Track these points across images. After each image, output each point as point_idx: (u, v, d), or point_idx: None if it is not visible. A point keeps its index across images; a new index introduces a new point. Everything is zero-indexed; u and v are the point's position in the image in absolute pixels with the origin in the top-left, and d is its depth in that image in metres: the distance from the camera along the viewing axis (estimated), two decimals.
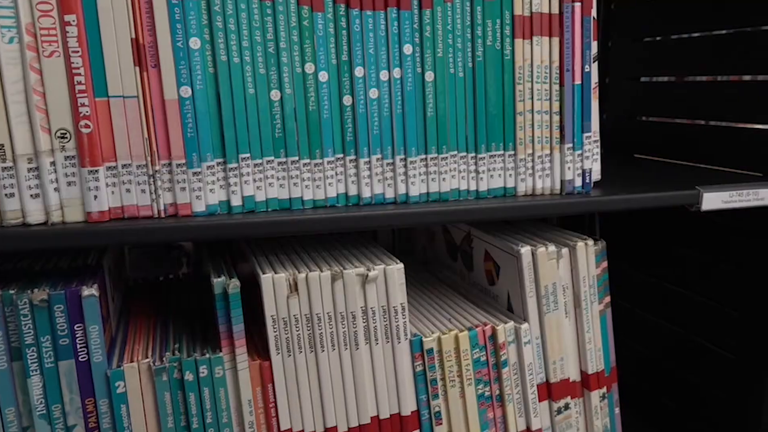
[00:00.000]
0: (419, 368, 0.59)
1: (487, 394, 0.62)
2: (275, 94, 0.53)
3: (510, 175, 0.61)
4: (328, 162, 0.55)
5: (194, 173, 0.51)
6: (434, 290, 0.74)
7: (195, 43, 0.50)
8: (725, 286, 0.79)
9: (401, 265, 0.57)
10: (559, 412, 0.66)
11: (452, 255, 0.78)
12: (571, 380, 0.66)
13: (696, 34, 0.84)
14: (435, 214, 0.56)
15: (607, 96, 1.01)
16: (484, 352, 0.61)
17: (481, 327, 0.61)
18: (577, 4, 0.59)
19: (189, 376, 0.52)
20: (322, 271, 0.55)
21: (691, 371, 0.86)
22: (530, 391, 0.64)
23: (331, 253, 0.61)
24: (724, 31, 0.79)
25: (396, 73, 0.56)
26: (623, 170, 0.81)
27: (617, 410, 0.71)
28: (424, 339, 0.59)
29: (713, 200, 0.65)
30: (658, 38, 0.90)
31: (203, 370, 0.53)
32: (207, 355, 0.53)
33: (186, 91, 0.50)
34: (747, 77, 0.77)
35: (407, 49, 0.55)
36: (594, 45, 0.63)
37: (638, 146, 0.95)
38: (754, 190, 0.67)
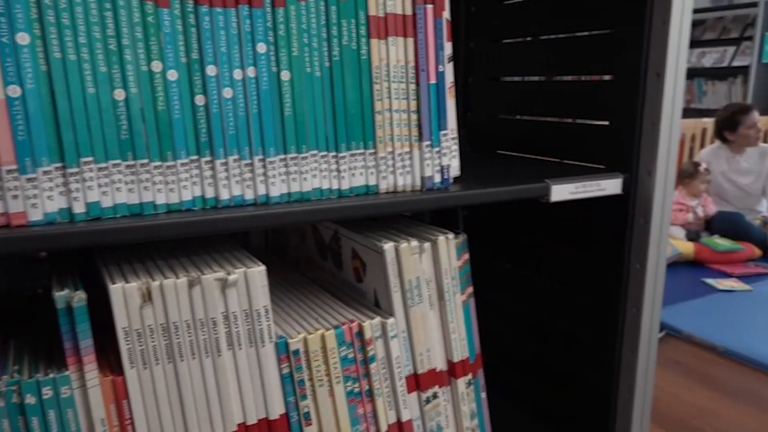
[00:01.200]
0: (286, 370, 0.59)
1: (356, 390, 0.63)
2: (119, 94, 0.50)
3: (371, 173, 0.62)
4: (182, 164, 0.53)
5: (28, 179, 0.47)
6: (304, 290, 0.73)
7: (23, 38, 0.46)
8: (577, 271, 0.85)
9: (263, 268, 0.56)
10: (427, 401, 0.68)
11: (322, 254, 0.78)
12: (438, 370, 0.68)
13: (545, 37, 0.89)
14: (297, 215, 0.56)
15: (471, 95, 1.05)
16: (352, 349, 0.62)
17: (347, 324, 0.62)
18: (429, 6, 0.61)
19: (30, 400, 0.48)
20: (178, 277, 0.53)
21: (551, 353, 0.92)
22: (399, 383, 0.65)
23: (190, 259, 0.59)
24: (569, 35, 0.85)
25: (250, 72, 0.54)
26: (485, 166, 0.85)
27: (484, 395, 0.74)
28: (289, 340, 0.58)
29: (561, 192, 0.70)
30: (513, 40, 0.96)
31: (47, 392, 0.49)
32: (51, 375, 0.49)
33: (15, 91, 0.46)
34: (588, 77, 0.83)
35: (261, 47, 0.54)
36: (448, 46, 0.65)
37: (500, 143, 1.00)
38: (597, 181, 0.73)
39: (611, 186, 0.74)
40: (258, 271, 0.56)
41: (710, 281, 2.72)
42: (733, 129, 3.25)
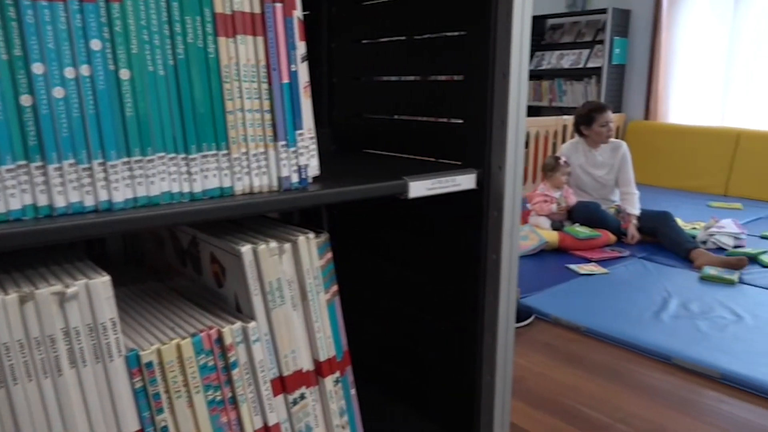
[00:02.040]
0: (139, 384, 0.56)
1: (218, 398, 0.61)
2: None
3: (226, 174, 0.60)
4: (7, 170, 0.49)
5: None
6: (161, 299, 0.70)
7: None
8: (439, 263, 0.88)
9: (107, 278, 0.53)
10: (294, 403, 0.67)
11: (181, 260, 0.75)
12: (304, 370, 0.68)
13: (402, 38, 0.92)
14: (143, 220, 0.53)
15: (335, 95, 1.06)
16: (212, 357, 0.60)
17: (206, 332, 0.60)
18: (279, 5, 0.60)
19: None
20: (7, 293, 0.49)
21: (418, 343, 0.95)
22: (264, 387, 0.64)
23: (23, 273, 0.54)
24: (424, 36, 0.88)
25: (84, 70, 0.51)
26: (348, 165, 0.85)
27: (353, 391, 0.75)
28: (141, 353, 0.55)
29: (418, 188, 0.72)
30: (373, 41, 0.97)
31: None
32: None
33: None
34: (444, 77, 0.87)
35: (95, 44, 0.51)
36: (301, 45, 0.65)
37: (366, 142, 1.01)
38: (452, 177, 0.76)
39: (466, 181, 0.77)
40: (102, 282, 0.53)
41: (573, 267, 2.93)
42: (588, 125, 3.52)
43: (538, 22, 5.86)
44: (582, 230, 3.25)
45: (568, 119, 4.59)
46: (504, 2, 0.73)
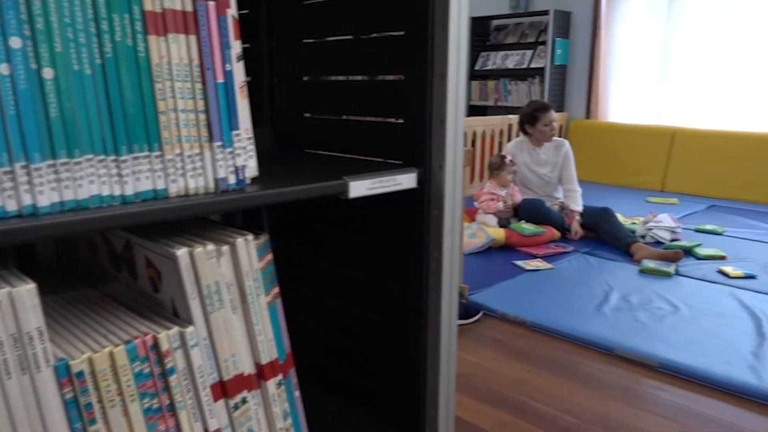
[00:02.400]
0: (69, 395, 0.54)
1: (155, 406, 0.60)
2: None
3: (159, 176, 0.59)
4: None
5: None
6: (95, 306, 0.68)
7: None
8: (383, 262, 0.89)
9: (32, 286, 0.51)
10: (236, 407, 0.66)
11: (116, 265, 0.73)
12: (245, 374, 0.67)
13: (343, 38, 0.91)
14: (71, 225, 0.52)
15: (277, 95, 1.05)
16: (147, 364, 0.59)
17: (141, 338, 0.58)
18: (211, 3, 0.59)
19: None
20: None
21: (365, 342, 0.95)
22: (203, 393, 0.63)
23: None
24: (364, 36, 0.88)
25: (4, 69, 0.49)
26: (289, 165, 0.85)
27: (297, 393, 0.74)
28: (71, 362, 0.53)
29: (359, 188, 0.72)
30: (314, 40, 0.97)
31: None
32: None
33: None
34: (391, 77, 0.87)
35: (15, 42, 0.49)
36: (237, 44, 0.64)
37: (308, 142, 1.01)
38: (393, 176, 0.76)
39: (407, 180, 0.77)
40: (26, 290, 0.51)
41: (519, 263, 2.99)
42: (533, 124, 3.60)
43: (483, 22, 5.96)
44: (527, 227, 3.32)
45: (514, 118, 4.68)
46: (441, 4, 0.74)
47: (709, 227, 3.64)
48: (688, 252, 3.14)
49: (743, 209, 4.21)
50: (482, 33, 5.99)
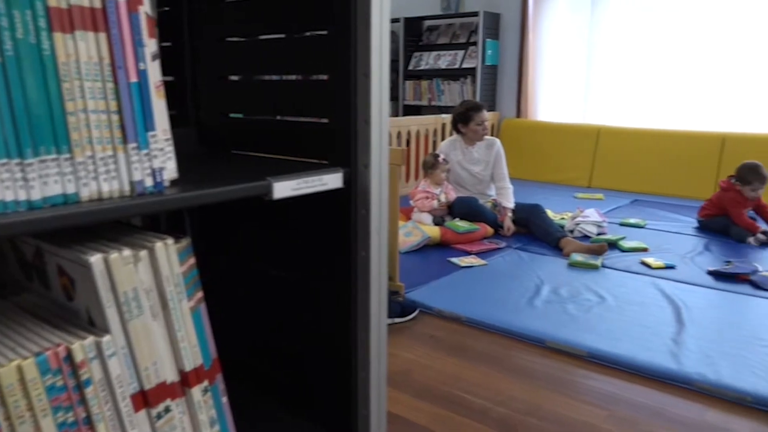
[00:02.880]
0: None
1: (70, 420, 0.57)
2: None
3: (69, 180, 0.56)
4: None
5: None
6: (4, 317, 0.64)
7: None
8: (311, 262, 0.88)
9: None
10: (159, 417, 0.64)
11: (27, 274, 0.69)
12: (168, 382, 0.65)
13: (266, 36, 0.90)
14: None
15: (200, 94, 1.03)
16: (60, 376, 0.56)
17: (52, 350, 0.56)
18: (122, 0, 0.57)
19: None
20: None
21: (296, 343, 0.94)
22: (123, 404, 0.61)
23: None
24: (289, 35, 0.87)
25: None
26: (213, 166, 0.83)
27: (224, 399, 0.73)
28: None
29: (283, 189, 0.71)
30: (238, 39, 0.95)
31: None
32: None
33: None
34: (315, 77, 0.87)
35: None
36: (151, 42, 0.62)
37: (234, 142, 0.99)
38: (318, 176, 0.76)
39: (332, 180, 0.77)
40: None
41: (454, 260, 3.04)
42: (465, 123, 3.67)
43: (415, 23, 6.02)
44: (462, 224, 3.38)
45: (447, 118, 4.75)
46: (363, 3, 0.74)
47: (632, 221, 3.81)
48: (613, 245, 3.28)
49: (664, 203, 4.43)
50: (415, 33, 6.06)
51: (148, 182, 0.61)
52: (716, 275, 2.82)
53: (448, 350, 2.17)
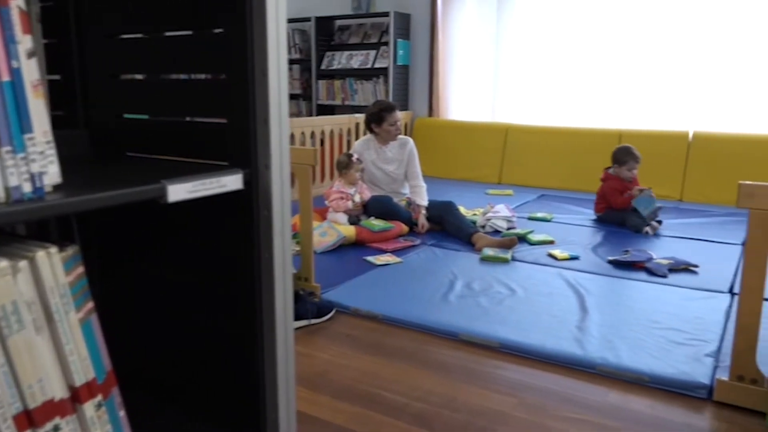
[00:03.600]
0: None
1: None
2: None
3: None
4: None
5: None
6: None
7: None
8: (214, 266, 0.86)
9: None
10: None
11: None
12: (56, 399, 0.61)
13: (160, 34, 0.87)
14: None
15: (91, 94, 0.97)
16: None
17: None
18: None
19: None
20: None
21: (202, 350, 0.91)
22: (4, 426, 0.57)
23: None
24: (183, 33, 0.84)
25: None
26: (106, 170, 0.79)
27: (122, 413, 0.69)
28: None
29: (179, 191, 0.69)
30: (131, 36, 0.91)
31: None
32: None
33: None
34: (213, 76, 0.84)
35: None
36: (27, 39, 0.58)
37: (129, 145, 0.95)
38: (217, 178, 0.74)
39: (232, 182, 0.75)
40: None
41: (370, 258, 3.06)
42: (379, 123, 3.70)
43: (326, 22, 6.00)
44: (377, 223, 3.41)
45: (361, 117, 4.77)
46: (258, 1, 0.73)
47: (539, 215, 3.98)
48: (522, 238, 3.41)
49: (569, 197, 4.65)
50: (326, 33, 6.04)
51: (27, 188, 0.57)
52: (615, 264, 2.99)
53: (365, 349, 2.18)
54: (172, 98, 0.88)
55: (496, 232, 3.54)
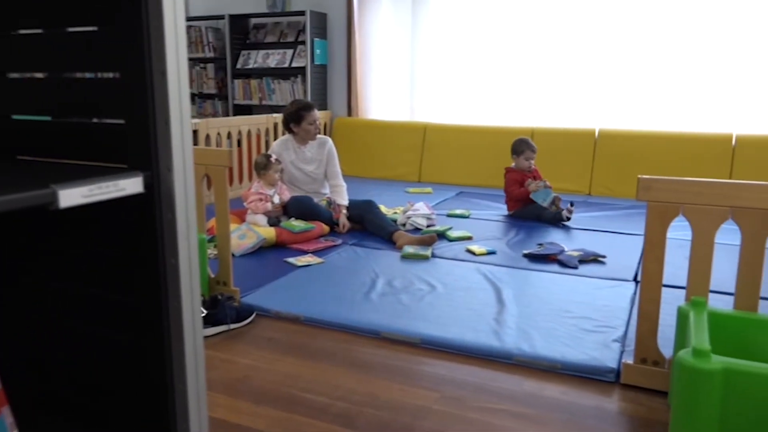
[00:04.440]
0: None
1: None
2: None
3: None
4: None
5: None
6: None
7: None
8: (116, 274, 0.82)
9: None
10: None
11: None
12: None
13: (52, 31, 0.82)
14: None
15: None
16: None
17: None
18: None
19: None
20: None
21: (106, 363, 0.87)
22: None
23: None
24: (73, 29, 0.80)
25: None
26: None
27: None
28: None
29: (72, 197, 0.65)
30: (18, 32, 0.85)
31: None
32: None
33: None
34: (109, 75, 0.80)
35: None
36: None
37: (18, 147, 0.89)
38: (115, 181, 0.70)
39: (131, 185, 0.72)
40: None
41: (291, 260, 3.03)
42: (297, 123, 3.66)
43: (241, 20, 5.88)
44: (297, 224, 3.37)
45: (279, 117, 4.71)
46: None
47: (458, 212, 4.07)
48: (442, 235, 3.47)
49: (485, 194, 4.78)
50: (241, 31, 5.92)
51: None
52: (530, 257, 3.10)
53: (286, 351, 2.15)
54: (65, 98, 0.83)
55: (417, 229, 3.59)
